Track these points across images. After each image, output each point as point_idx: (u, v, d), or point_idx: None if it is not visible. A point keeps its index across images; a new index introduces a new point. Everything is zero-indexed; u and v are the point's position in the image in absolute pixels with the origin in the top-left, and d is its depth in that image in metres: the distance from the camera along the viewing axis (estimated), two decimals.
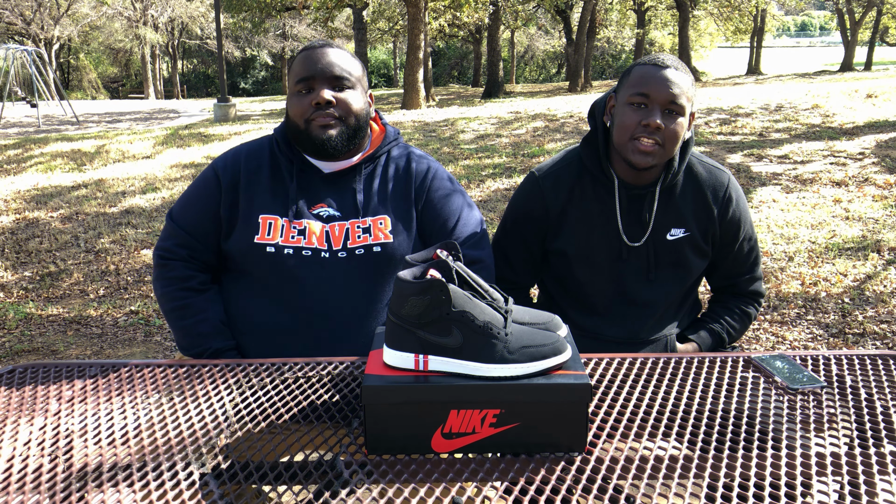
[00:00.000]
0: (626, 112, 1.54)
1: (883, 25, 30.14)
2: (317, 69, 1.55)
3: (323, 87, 1.55)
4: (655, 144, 1.52)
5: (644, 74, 1.53)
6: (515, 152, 8.06)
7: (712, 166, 1.69)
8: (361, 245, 1.57)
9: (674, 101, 1.50)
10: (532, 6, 24.73)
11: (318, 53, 1.57)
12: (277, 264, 1.55)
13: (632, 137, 1.53)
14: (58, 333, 3.84)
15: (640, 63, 1.57)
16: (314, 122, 1.55)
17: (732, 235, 1.69)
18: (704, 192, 1.66)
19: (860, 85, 12.40)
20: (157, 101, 29.25)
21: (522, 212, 1.72)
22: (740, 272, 1.75)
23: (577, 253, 1.68)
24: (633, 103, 1.53)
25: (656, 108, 1.51)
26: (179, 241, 1.64)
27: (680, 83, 1.52)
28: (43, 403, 1.22)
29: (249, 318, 1.59)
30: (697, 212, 1.66)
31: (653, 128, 1.50)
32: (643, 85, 1.52)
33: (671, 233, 1.65)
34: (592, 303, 1.71)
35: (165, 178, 7.67)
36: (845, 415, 1.14)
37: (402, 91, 17.63)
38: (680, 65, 1.55)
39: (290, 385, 1.27)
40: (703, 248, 1.68)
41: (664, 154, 1.54)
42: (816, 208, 5.40)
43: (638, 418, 1.13)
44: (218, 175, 1.64)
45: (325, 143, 1.55)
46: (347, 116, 1.56)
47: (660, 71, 1.52)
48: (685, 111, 1.53)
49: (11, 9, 27.69)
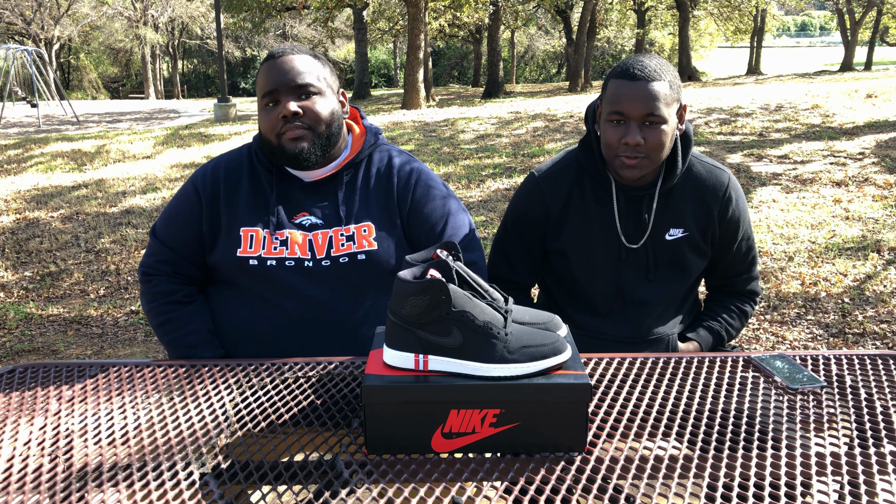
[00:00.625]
0: (606, 129, 1.53)
1: (883, 25, 30.14)
2: (279, 80, 1.51)
3: (288, 99, 1.51)
4: (639, 159, 1.50)
5: (617, 91, 1.49)
6: (515, 152, 8.06)
7: (712, 166, 1.68)
8: (345, 253, 1.55)
9: (651, 112, 1.47)
10: (532, 6, 24.72)
11: (279, 63, 1.53)
12: (261, 276, 1.54)
13: (616, 155, 1.52)
14: (58, 333, 3.84)
15: (614, 74, 1.52)
16: (284, 135, 1.51)
17: (731, 235, 1.69)
18: (704, 191, 1.65)
19: (860, 85, 12.40)
20: (158, 101, 29.26)
21: (522, 212, 1.72)
22: (738, 271, 1.75)
23: (577, 253, 1.68)
24: (612, 120, 1.51)
25: (633, 124, 1.48)
26: (163, 258, 1.63)
27: (655, 92, 1.46)
28: (43, 403, 1.22)
29: (237, 328, 1.57)
30: (697, 212, 1.65)
31: (632, 145, 1.48)
32: (617, 102, 1.49)
33: (670, 233, 1.64)
34: (593, 302, 1.71)
35: (166, 178, 7.67)
36: (845, 415, 1.14)
37: (403, 91, 17.64)
38: (655, 68, 1.49)
39: (290, 385, 1.27)
40: (703, 248, 1.68)
41: (651, 164, 1.53)
42: (816, 208, 5.40)
43: (638, 418, 1.13)
44: (198, 189, 1.62)
45: (297, 156, 1.52)
46: (317, 125, 1.53)
47: (632, 85, 1.47)
48: (666, 117, 1.48)
49: (11, 9, 27.69)
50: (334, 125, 1.57)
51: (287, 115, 1.50)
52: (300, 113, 1.51)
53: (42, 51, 20.22)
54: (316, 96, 1.54)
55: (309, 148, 1.52)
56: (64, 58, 35.74)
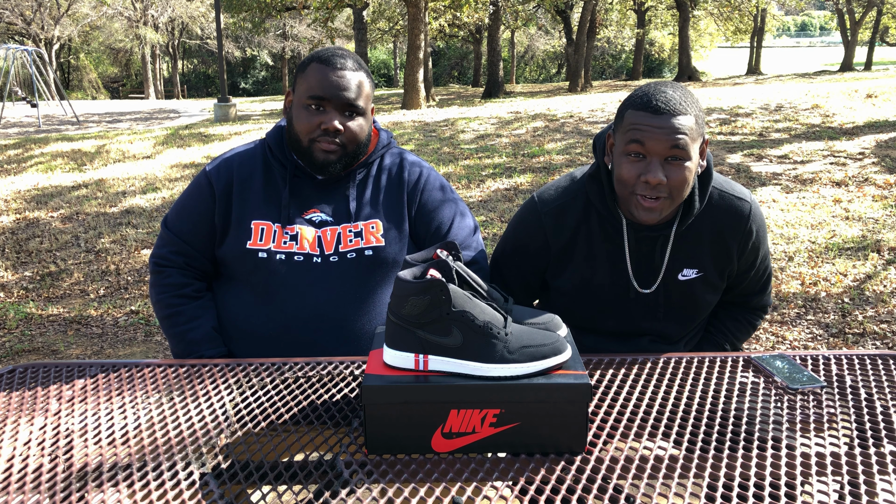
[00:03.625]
0: (623, 164, 1.36)
1: (883, 25, 30.13)
2: (333, 93, 1.52)
3: (334, 113, 1.53)
4: (660, 199, 1.35)
5: (638, 123, 1.33)
6: (515, 152, 8.06)
7: (732, 197, 1.50)
8: (353, 249, 1.57)
9: (676, 146, 1.31)
10: (532, 6, 24.72)
11: (338, 75, 1.53)
12: (269, 270, 1.55)
13: (632, 192, 1.36)
14: (58, 333, 3.84)
15: (633, 104, 1.36)
16: (318, 143, 1.54)
17: (750, 265, 1.58)
18: (723, 228, 1.50)
19: (860, 85, 12.40)
20: (158, 101, 29.26)
21: (522, 244, 1.59)
22: (752, 291, 1.66)
23: (582, 294, 1.56)
24: (630, 153, 1.35)
25: (655, 161, 1.32)
26: (175, 249, 1.64)
27: (681, 126, 1.31)
28: (43, 403, 1.22)
29: (242, 323, 1.58)
30: (714, 250, 1.51)
31: (653, 184, 1.33)
32: (638, 133, 1.32)
33: (683, 273, 1.51)
34: (596, 329, 1.62)
35: (166, 178, 7.67)
36: (845, 415, 1.14)
37: (403, 91, 17.64)
38: (681, 100, 1.33)
39: (290, 385, 1.27)
40: (717, 284, 1.56)
41: (672, 205, 1.37)
42: (816, 208, 5.40)
43: (638, 418, 1.13)
44: (211, 182, 1.63)
45: (323, 166, 1.56)
46: (350, 144, 1.56)
47: (655, 119, 1.31)
48: (691, 153, 1.32)
49: (11, 9, 27.69)
50: (363, 146, 1.60)
51: (329, 130, 1.53)
52: (342, 131, 1.54)
53: (42, 51, 20.22)
54: (360, 117, 1.57)
55: (336, 162, 1.56)
56: (64, 58, 35.74)
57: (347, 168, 1.61)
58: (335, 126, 1.52)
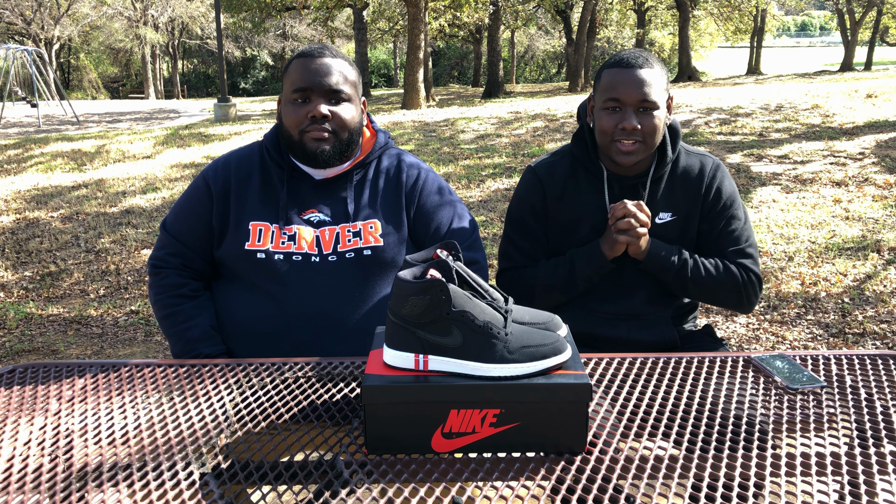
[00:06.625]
0: (602, 117, 1.62)
1: (883, 25, 30.14)
2: (314, 81, 1.54)
3: (319, 101, 1.55)
4: (636, 143, 1.60)
5: (613, 79, 1.60)
6: (515, 152, 8.06)
7: (700, 154, 1.75)
8: (352, 248, 1.58)
9: (645, 98, 1.57)
10: (532, 6, 24.72)
11: (317, 63, 1.56)
12: (268, 270, 1.56)
13: (612, 140, 1.61)
14: (58, 333, 3.84)
15: (607, 65, 1.63)
16: (308, 134, 1.55)
17: (718, 211, 1.69)
18: (691, 174, 1.71)
19: (860, 85, 12.40)
20: (158, 101, 29.25)
21: (523, 199, 1.79)
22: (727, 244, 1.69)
23: (570, 239, 1.74)
24: (608, 108, 1.61)
25: (629, 110, 1.58)
26: (172, 251, 1.65)
27: (648, 79, 1.58)
28: (43, 403, 1.22)
29: (240, 322, 1.59)
30: (685, 194, 1.71)
31: (629, 130, 1.58)
32: (613, 89, 1.59)
33: (659, 216, 1.70)
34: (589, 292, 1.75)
35: (165, 178, 7.67)
36: (845, 415, 1.14)
37: (403, 91, 17.64)
38: (647, 58, 1.60)
39: (290, 385, 1.27)
40: (689, 229, 1.72)
41: (646, 149, 1.62)
42: (816, 208, 5.40)
43: (638, 418, 1.13)
44: (209, 184, 1.64)
45: (317, 156, 1.57)
46: (341, 130, 1.57)
47: (627, 72, 1.58)
48: (659, 104, 1.59)
49: (11, 9, 27.69)
50: (355, 132, 1.61)
51: (317, 117, 1.54)
52: (329, 116, 1.55)
53: (42, 51, 20.22)
54: (346, 103, 1.58)
55: (329, 150, 1.56)
56: (64, 58, 35.74)
57: (343, 158, 1.61)
58: (321, 112, 1.54)
